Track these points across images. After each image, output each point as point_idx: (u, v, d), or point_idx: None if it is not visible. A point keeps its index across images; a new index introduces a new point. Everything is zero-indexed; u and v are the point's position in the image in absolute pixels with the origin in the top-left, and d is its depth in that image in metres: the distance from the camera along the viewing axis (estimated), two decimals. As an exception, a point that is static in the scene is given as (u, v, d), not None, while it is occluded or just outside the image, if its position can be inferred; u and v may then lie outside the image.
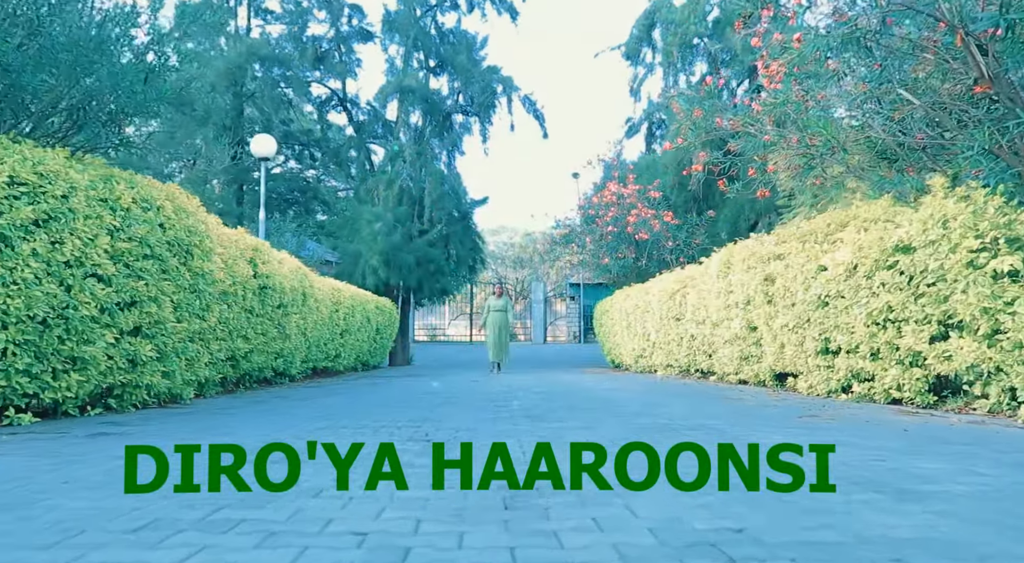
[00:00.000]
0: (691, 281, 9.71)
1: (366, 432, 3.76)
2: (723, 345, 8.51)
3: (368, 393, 7.40)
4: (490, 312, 13.94)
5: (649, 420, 4.33)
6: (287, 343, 8.69)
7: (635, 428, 3.89)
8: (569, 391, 7.44)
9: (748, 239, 7.78)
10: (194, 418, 4.68)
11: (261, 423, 4.35)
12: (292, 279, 8.54)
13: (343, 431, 3.80)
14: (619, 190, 16.79)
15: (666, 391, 7.40)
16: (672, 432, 3.68)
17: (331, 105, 20.14)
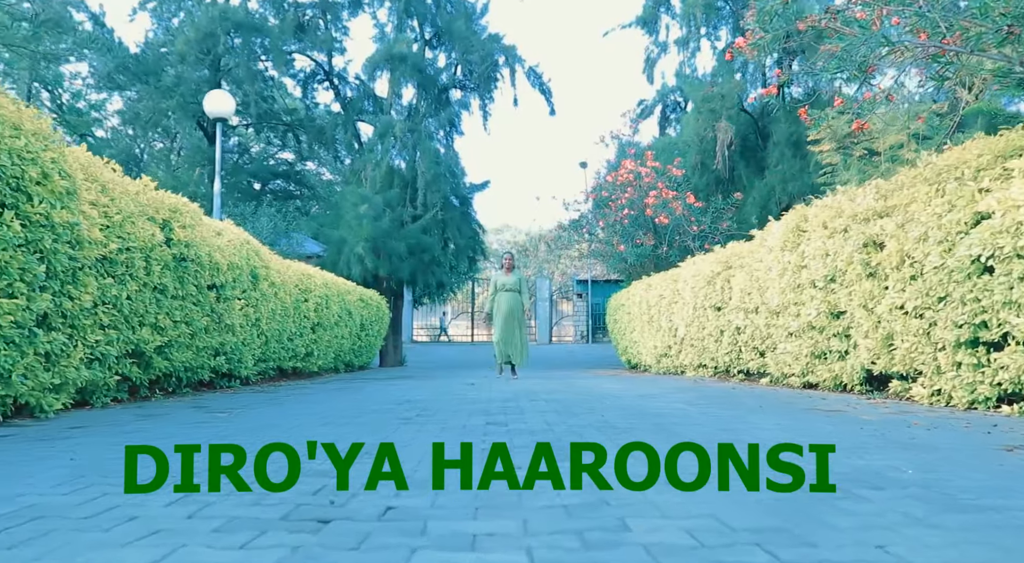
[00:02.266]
0: (738, 260, 7.82)
1: (229, 486, 1.90)
2: (785, 339, 6.62)
3: (323, 402, 5.52)
4: (497, 292, 10.22)
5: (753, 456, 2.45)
6: (229, 336, 6.83)
7: (754, 483, 2.01)
8: (591, 399, 5.55)
9: (827, 197, 5.89)
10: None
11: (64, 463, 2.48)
12: (233, 254, 6.68)
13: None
14: (636, 168, 14.90)
15: (720, 399, 5.51)
16: (828, 500, 1.80)
17: (316, 80, 18.31)
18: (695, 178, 16.45)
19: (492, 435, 3.15)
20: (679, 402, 5.11)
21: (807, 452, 2.54)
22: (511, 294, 10.18)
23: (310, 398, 5.91)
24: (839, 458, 2.42)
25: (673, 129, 21.45)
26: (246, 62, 16.17)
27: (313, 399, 5.76)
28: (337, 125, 17.44)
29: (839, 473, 2.13)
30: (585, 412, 4.33)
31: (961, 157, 4.02)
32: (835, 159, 12.54)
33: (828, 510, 1.65)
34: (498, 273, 10.44)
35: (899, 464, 2.30)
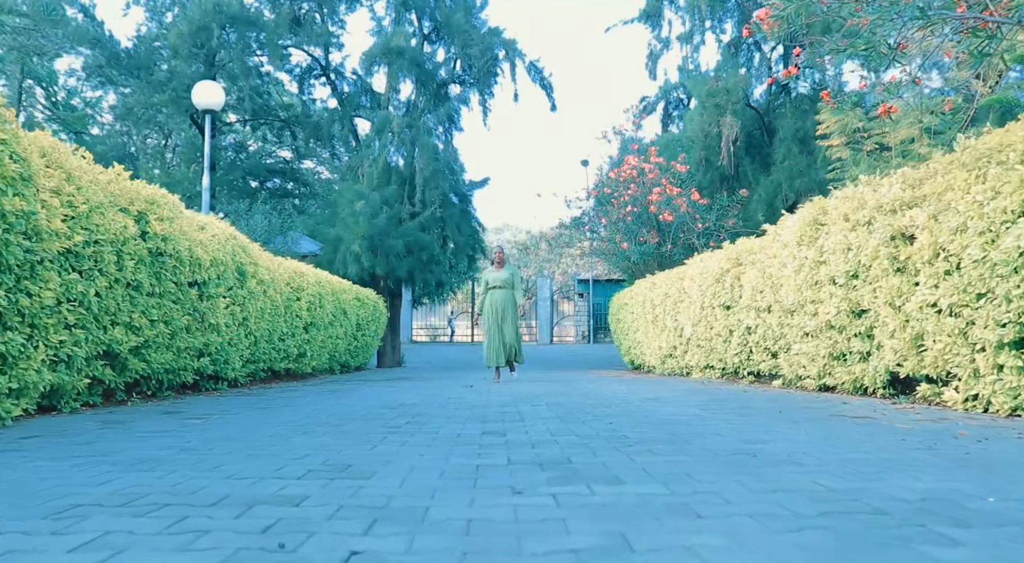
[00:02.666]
0: (749, 256, 7.46)
1: (148, 526, 1.53)
2: (800, 339, 6.25)
3: (309, 406, 5.16)
4: (488, 290, 9.24)
5: (801, 480, 2.08)
6: (214, 336, 6.47)
7: (813, 516, 1.65)
8: (597, 403, 5.19)
9: (848, 188, 5.52)
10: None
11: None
12: (217, 250, 6.32)
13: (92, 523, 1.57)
14: (639, 164, 14.53)
15: (736, 404, 5.15)
16: (903, 540, 1.44)
17: (312, 75, 17.93)
18: (699, 175, 16.08)
19: (488, 449, 2.79)
20: (692, 407, 4.75)
21: (844, 467, 2.18)
22: (504, 291, 9.21)
23: (296, 402, 5.55)
24: (890, 478, 2.06)
25: (676, 126, 21.07)
26: (240, 56, 15.79)
27: (299, 403, 5.40)
28: (334, 121, 17.06)
29: (899, 499, 1.77)
30: (591, 419, 3.97)
31: (1004, 140, 3.66)
32: (845, 154, 12.19)
33: (911, 560, 1.29)
34: (489, 269, 9.49)
35: (966, 487, 1.93)
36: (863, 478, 2.06)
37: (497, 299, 9.21)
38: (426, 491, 1.95)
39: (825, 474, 2.13)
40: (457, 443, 2.98)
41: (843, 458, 2.45)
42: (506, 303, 9.19)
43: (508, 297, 9.19)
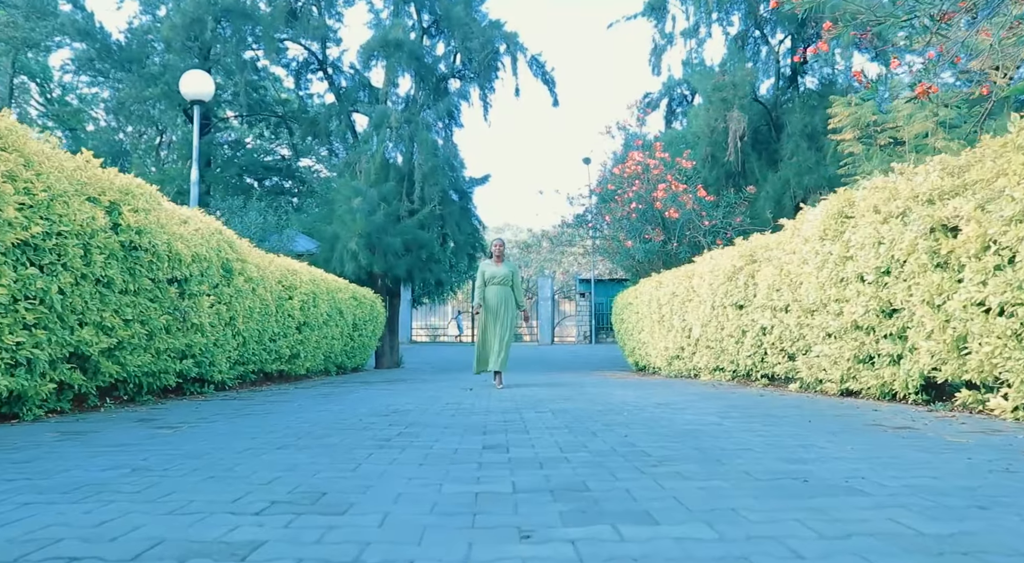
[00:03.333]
0: (764, 252, 7.07)
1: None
2: (822, 340, 5.86)
3: (296, 413, 4.77)
4: (486, 285, 8.33)
5: (877, 519, 1.68)
6: (197, 337, 6.08)
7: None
8: (607, 410, 4.80)
9: (876, 178, 5.13)
10: None
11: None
12: (200, 245, 5.92)
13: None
14: (644, 160, 14.13)
15: (757, 411, 4.75)
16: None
17: (309, 70, 17.54)
18: (705, 171, 15.69)
19: (490, 470, 2.40)
20: (711, 415, 4.36)
21: (920, 498, 1.79)
22: (501, 288, 8.29)
23: (284, 408, 5.16)
24: (992, 517, 1.67)
25: (679, 123, 20.69)
26: (235, 49, 15.39)
27: (286, 410, 5.01)
28: (331, 116, 16.66)
29: (1019, 551, 1.38)
30: (603, 429, 3.58)
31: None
32: (857, 148, 11.80)
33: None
34: (486, 263, 8.49)
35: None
36: (954, 516, 1.67)
37: (496, 297, 8.29)
38: (412, 532, 1.56)
39: (902, 510, 1.74)
40: (454, 461, 2.59)
41: (910, 484, 2.06)
42: (503, 301, 8.28)
43: (507, 296, 8.34)
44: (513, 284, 8.41)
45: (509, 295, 8.36)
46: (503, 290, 8.31)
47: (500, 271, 8.34)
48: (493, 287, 8.31)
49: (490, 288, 8.30)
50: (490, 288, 8.30)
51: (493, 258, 8.49)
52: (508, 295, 8.34)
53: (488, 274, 8.33)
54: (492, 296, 8.28)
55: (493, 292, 8.28)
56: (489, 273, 8.34)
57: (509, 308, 8.32)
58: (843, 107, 11.62)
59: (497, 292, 8.27)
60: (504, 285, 8.33)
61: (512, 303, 8.38)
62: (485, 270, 8.39)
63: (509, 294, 8.36)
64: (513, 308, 8.39)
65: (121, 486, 2.10)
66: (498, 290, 8.29)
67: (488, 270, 8.37)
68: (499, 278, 8.31)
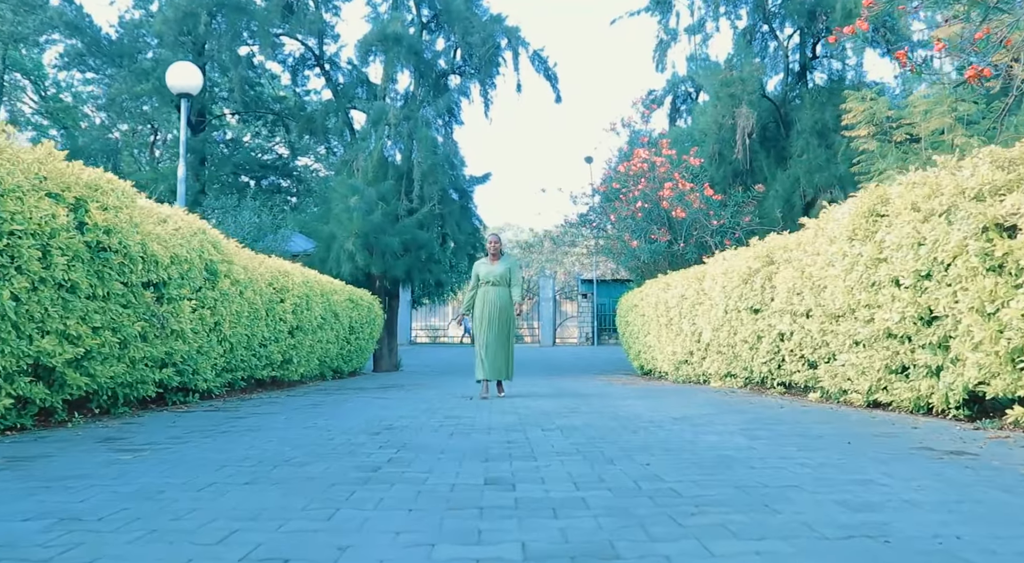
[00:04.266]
0: (783, 253, 6.65)
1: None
2: (849, 348, 5.45)
3: (279, 429, 4.36)
4: (480, 285, 7.42)
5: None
6: (178, 344, 5.67)
7: None
8: (620, 428, 4.38)
9: (913, 173, 4.70)
10: None
11: None
12: (180, 245, 5.51)
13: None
14: (650, 158, 13.71)
15: (785, 427, 4.34)
16: None
17: (306, 65, 17.13)
18: (712, 169, 15.26)
19: (492, 520, 1.98)
20: (736, 433, 3.94)
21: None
22: (498, 288, 7.30)
23: (268, 422, 4.75)
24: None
25: (684, 121, 20.27)
26: (229, 44, 14.95)
27: (269, 425, 4.60)
28: (328, 113, 16.23)
29: None
30: (620, 455, 3.17)
31: None
32: (872, 145, 11.38)
33: None
34: (481, 261, 7.55)
35: None
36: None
37: (490, 298, 7.27)
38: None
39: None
40: (450, 503, 2.18)
41: (1019, 549, 1.64)
42: (500, 303, 7.28)
43: (504, 297, 7.31)
44: (511, 282, 7.41)
45: (506, 296, 7.34)
46: (499, 291, 7.30)
47: (496, 269, 7.33)
48: (489, 288, 7.32)
49: (486, 289, 7.32)
50: (486, 289, 7.32)
51: (488, 256, 7.52)
52: (505, 296, 7.33)
53: (482, 274, 7.37)
54: (488, 298, 7.29)
55: (490, 294, 7.30)
56: (483, 273, 7.37)
57: (506, 310, 7.32)
58: (857, 102, 11.21)
59: (495, 294, 7.28)
60: (500, 284, 7.33)
61: (510, 304, 7.37)
62: (479, 270, 7.44)
63: (506, 295, 7.34)
64: (511, 310, 7.37)
65: (30, 549, 1.69)
66: (495, 292, 7.29)
67: (482, 270, 7.41)
68: (494, 277, 7.30)
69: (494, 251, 7.47)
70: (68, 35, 14.02)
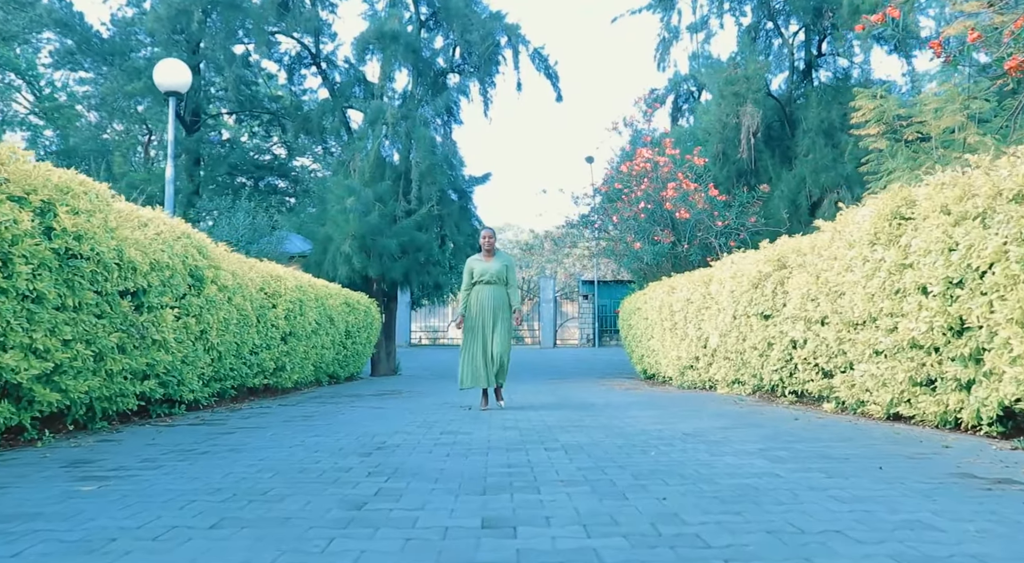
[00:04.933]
0: (797, 258, 6.35)
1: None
2: (868, 358, 5.15)
3: (263, 449, 4.06)
4: (475, 284, 6.99)
5: None
6: (160, 354, 5.37)
7: None
8: (629, 446, 4.08)
9: (941, 173, 4.40)
10: None
11: None
12: (161, 251, 5.22)
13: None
14: (653, 157, 13.41)
15: (807, 446, 4.05)
16: None
17: (303, 64, 16.83)
18: (715, 169, 14.96)
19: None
20: (755, 454, 3.64)
21: None
22: (493, 287, 6.86)
23: (253, 440, 4.45)
24: None
25: (686, 120, 19.99)
26: (223, 42, 14.64)
27: (254, 442, 4.30)
28: (324, 113, 15.92)
29: None
30: (633, 486, 2.87)
31: None
32: (882, 144, 11.06)
33: None
34: (475, 258, 7.04)
35: None
36: None
37: (484, 297, 6.85)
38: None
39: None
40: (441, 556, 1.88)
41: None
42: (496, 303, 6.85)
43: (498, 295, 6.89)
44: (508, 282, 6.99)
45: (502, 295, 6.93)
46: (496, 290, 6.89)
47: (491, 267, 6.88)
48: (483, 287, 6.89)
49: (480, 288, 6.89)
50: (480, 288, 6.89)
51: (482, 253, 7.02)
52: (501, 295, 6.92)
53: (478, 271, 6.89)
54: (481, 297, 6.87)
55: (484, 293, 6.87)
56: (478, 270, 6.89)
57: (503, 310, 6.90)
58: (868, 100, 10.90)
59: (490, 293, 6.86)
60: (496, 283, 6.90)
61: (506, 304, 6.94)
62: (473, 267, 6.95)
63: (502, 294, 6.93)
64: (508, 311, 6.95)
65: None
66: (490, 291, 6.86)
67: (477, 267, 6.92)
68: (490, 275, 6.85)
69: (489, 247, 6.97)
70: (59, 33, 13.73)
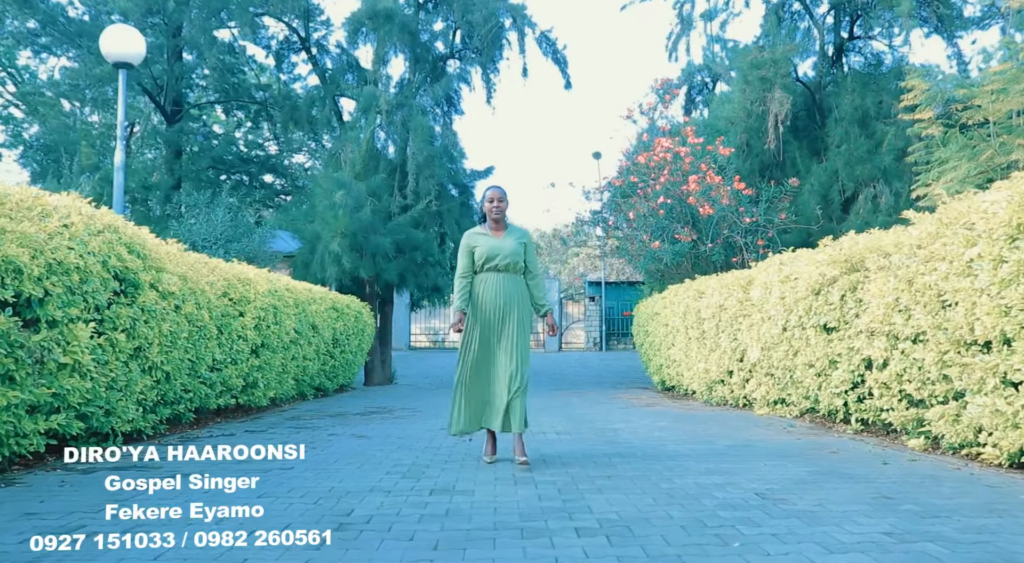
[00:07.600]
0: (876, 258, 5.13)
1: None
2: (993, 389, 3.93)
3: (166, 527, 2.86)
4: (478, 272, 4.46)
5: None
6: (72, 380, 4.16)
7: None
8: (701, 527, 2.87)
9: None
10: None
11: None
12: (68, 250, 4.01)
13: None
14: (674, 147, 12.19)
15: (928, 511, 2.84)
16: None
17: (292, 50, 15.64)
18: (738, 161, 13.72)
19: None
20: (880, 538, 2.43)
21: None
22: (506, 277, 4.44)
23: (168, 512, 3.23)
24: None
25: (699, 112, 18.79)
26: (203, 23, 13.43)
27: (166, 521, 3.08)
28: (314, 101, 14.71)
29: None
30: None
31: None
32: (936, 130, 9.83)
33: None
34: (476, 233, 4.52)
35: None
36: None
37: (492, 291, 4.40)
38: None
39: None
40: None
41: None
42: (510, 299, 4.41)
43: (513, 288, 4.44)
44: (527, 268, 4.55)
45: (519, 288, 4.47)
46: (508, 280, 4.43)
47: (503, 245, 4.43)
48: (489, 274, 4.43)
49: (485, 278, 4.43)
50: (485, 278, 4.43)
51: (488, 224, 4.54)
52: (518, 288, 4.46)
53: (481, 251, 4.42)
54: (487, 291, 4.40)
55: (489, 284, 4.41)
56: (482, 249, 4.42)
57: (520, 311, 4.42)
58: (920, 79, 9.69)
59: (497, 283, 4.40)
60: (510, 271, 4.45)
61: (525, 302, 4.50)
62: (475, 246, 4.45)
63: (519, 286, 4.47)
64: (526, 312, 4.50)
65: None
66: (498, 280, 4.41)
67: (481, 245, 4.44)
68: (501, 257, 4.41)
69: (498, 215, 4.50)
70: (16, 9, 12.57)
